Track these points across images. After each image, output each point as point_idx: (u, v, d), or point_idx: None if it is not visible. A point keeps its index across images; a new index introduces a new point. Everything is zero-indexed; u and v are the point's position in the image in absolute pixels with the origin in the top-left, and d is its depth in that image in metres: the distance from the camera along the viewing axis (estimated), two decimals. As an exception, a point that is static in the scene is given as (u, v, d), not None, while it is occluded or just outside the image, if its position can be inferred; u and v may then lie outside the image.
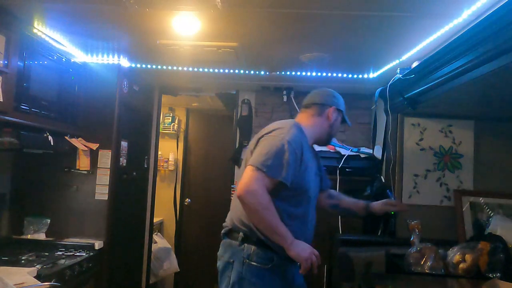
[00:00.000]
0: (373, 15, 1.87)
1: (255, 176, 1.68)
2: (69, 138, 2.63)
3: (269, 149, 1.73)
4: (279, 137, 1.76)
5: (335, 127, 2.04)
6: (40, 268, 2.05)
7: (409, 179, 2.80)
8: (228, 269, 1.79)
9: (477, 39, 1.69)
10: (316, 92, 2.08)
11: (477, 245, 2.26)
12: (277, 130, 1.81)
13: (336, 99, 2.05)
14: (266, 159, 1.70)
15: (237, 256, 1.77)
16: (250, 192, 1.67)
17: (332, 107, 2.00)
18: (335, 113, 2.01)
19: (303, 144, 1.83)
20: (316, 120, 2.00)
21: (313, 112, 2.02)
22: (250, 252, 1.76)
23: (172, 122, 4.76)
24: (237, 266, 1.76)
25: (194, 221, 4.89)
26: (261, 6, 1.84)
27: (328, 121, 2.00)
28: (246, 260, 1.75)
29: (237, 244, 1.79)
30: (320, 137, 2.03)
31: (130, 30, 2.28)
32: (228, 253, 1.81)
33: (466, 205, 2.70)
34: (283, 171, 1.71)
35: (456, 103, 2.49)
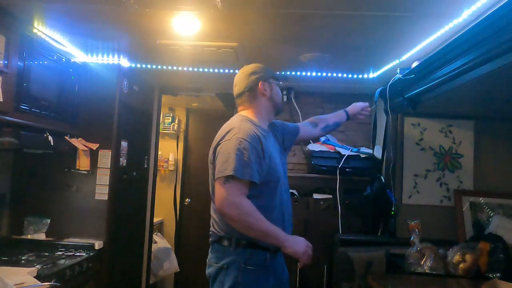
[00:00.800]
0: (373, 15, 1.87)
1: (226, 187, 1.67)
2: (69, 138, 2.63)
3: (229, 155, 1.70)
4: (233, 139, 1.73)
5: (275, 96, 1.97)
6: (40, 268, 2.05)
7: (409, 179, 2.81)
8: (220, 274, 1.76)
9: (477, 39, 1.69)
10: (237, 80, 2.02)
11: (477, 245, 2.26)
12: (229, 133, 1.77)
13: (257, 72, 1.96)
14: (229, 164, 1.68)
15: (233, 261, 1.74)
16: (227, 205, 1.67)
17: (259, 83, 1.93)
18: (265, 85, 1.94)
19: (259, 134, 1.79)
20: (255, 105, 1.93)
21: (247, 98, 1.95)
22: (246, 256, 1.73)
23: (172, 122, 4.76)
24: (232, 271, 1.73)
25: (194, 221, 4.89)
26: (261, 6, 1.84)
27: (265, 97, 1.94)
28: (242, 264, 1.72)
29: (231, 249, 1.75)
30: (269, 114, 1.97)
31: (130, 30, 2.28)
32: (221, 259, 1.78)
33: (466, 205, 2.70)
34: (249, 171, 1.68)
35: (456, 103, 2.49)
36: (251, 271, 1.72)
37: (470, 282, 2.16)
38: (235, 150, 1.70)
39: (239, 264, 1.72)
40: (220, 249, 1.81)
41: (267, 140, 1.84)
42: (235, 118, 1.90)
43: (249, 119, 1.87)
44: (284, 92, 3.51)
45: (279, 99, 2.02)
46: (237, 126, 1.78)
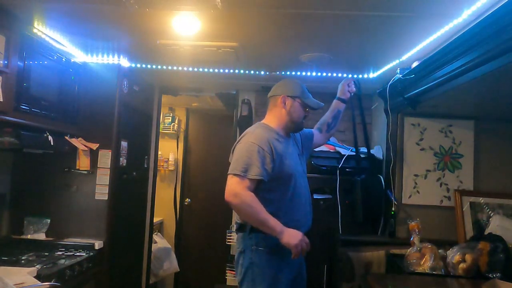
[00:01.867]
0: (373, 15, 1.87)
1: (234, 181, 1.93)
2: (69, 138, 2.63)
3: (240, 155, 1.97)
4: (246, 142, 2.00)
5: (294, 114, 2.13)
6: (40, 268, 2.05)
7: (409, 179, 2.80)
8: (240, 258, 2.04)
9: (477, 39, 1.69)
10: (275, 85, 2.23)
11: (477, 245, 2.26)
12: (245, 137, 2.05)
13: (287, 86, 2.17)
14: (238, 164, 1.94)
15: (247, 245, 2.00)
16: (233, 195, 1.91)
17: (281, 96, 2.13)
18: (287, 100, 2.13)
19: (271, 139, 2.02)
20: (274, 112, 2.16)
21: (270, 106, 2.20)
22: (258, 239, 1.97)
23: (172, 122, 4.76)
24: (248, 253, 1.99)
25: (194, 221, 4.89)
26: (261, 6, 1.84)
27: (283, 110, 2.13)
28: (254, 247, 1.98)
29: (246, 234, 2.00)
30: (286, 126, 2.15)
31: (130, 30, 2.28)
32: (240, 244, 2.05)
33: (466, 205, 2.70)
34: (255, 170, 1.92)
35: (456, 103, 2.49)
36: (263, 252, 1.97)
37: (470, 282, 2.16)
38: (245, 152, 1.96)
39: (252, 247, 1.98)
40: (240, 236, 2.08)
41: (282, 144, 2.07)
42: (253, 125, 2.18)
43: (266, 125, 2.13)
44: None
45: (298, 119, 2.15)
46: (251, 132, 2.07)
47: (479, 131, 2.78)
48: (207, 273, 4.62)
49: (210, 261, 4.64)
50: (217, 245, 4.33)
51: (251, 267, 1.98)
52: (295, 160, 2.12)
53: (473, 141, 2.78)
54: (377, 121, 3.33)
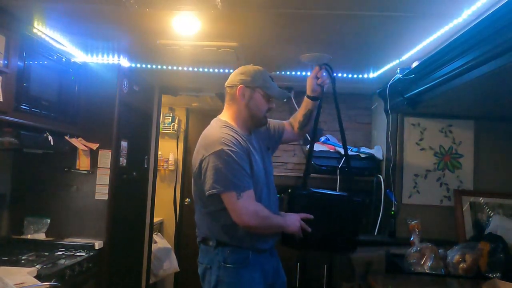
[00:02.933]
0: (373, 15, 1.87)
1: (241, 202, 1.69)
2: (69, 138, 2.63)
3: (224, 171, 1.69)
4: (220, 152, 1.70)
5: (254, 107, 1.84)
6: (40, 268, 2.05)
7: (409, 179, 2.81)
8: (207, 274, 1.81)
9: (477, 39, 1.69)
10: (231, 74, 1.92)
11: (477, 245, 2.26)
12: (212, 145, 1.73)
13: (246, 75, 1.85)
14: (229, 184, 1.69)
15: (213, 261, 1.78)
16: (249, 218, 1.70)
17: (239, 86, 1.83)
18: (245, 91, 1.82)
19: (240, 140, 1.78)
20: (232, 106, 1.87)
21: (227, 98, 1.89)
22: (225, 255, 1.77)
23: (172, 122, 4.75)
24: (215, 270, 1.77)
25: (194, 221, 4.88)
26: (261, 6, 1.84)
27: (242, 102, 1.84)
28: (221, 263, 1.76)
29: (212, 249, 1.80)
30: (246, 122, 1.87)
31: (130, 30, 2.28)
32: (205, 258, 1.83)
33: (466, 205, 2.70)
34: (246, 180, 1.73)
35: (456, 103, 2.49)
36: (231, 269, 1.76)
37: (470, 282, 2.16)
38: (227, 164, 1.69)
39: (219, 263, 1.76)
40: (204, 249, 1.85)
41: (249, 144, 1.82)
42: (214, 125, 1.87)
43: (228, 124, 1.83)
44: (284, 92, 3.50)
45: (259, 112, 1.87)
46: (217, 136, 1.75)
47: (479, 131, 2.79)
48: (207, 273, 4.61)
49: (210, 261, 4.64)
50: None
51: (219, 285, 1.76)
52: (259, 162, 1.85)
53: (473, 141, 2.78)
54: (377, 121, 3.33)
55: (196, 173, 1.81)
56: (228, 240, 1.77)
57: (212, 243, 1.80)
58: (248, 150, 1.80)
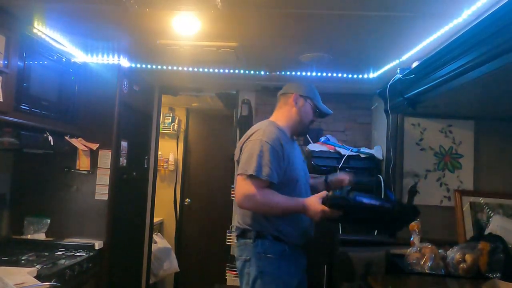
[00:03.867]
0: (373, 15, 1.87)
1: (245, 183, 1.80)
2: (69, 138, 2.63)
3: (251, 154, 1.83)
4: (257, 140, 1.86)
5: (304, 115, 2.04)
6: (40, 268, 2.05)
7: (409, 179, 2.80)
8: (245, 267, 1.89)
9: (477, 39, 1.69)
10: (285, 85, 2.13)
11: (477, 245, 2.26)
12: (255, 134, 1.91)
13: (301, 86, 2.08)
14: (250, 165, 1.81)
15: (253, 253, 1.87)
16: (245, 198, 1.80)
17: (294, 94, 2.04)
18: (299, 100, 2.03)
19: (281, 139, 1.91)
20: (284, 111, 2.06)
21: (281, 103, 2.09)
22: (265, 247, 1.86)
23: (172, 122, 4.76)
24: (255, 262, 1.86)
25: (194, 221, 4.89)
26: (261, 6, 1.84)
27: (294, 109, 2.03)
28: (262, 254, 1.85)
29: (251, 242, 1.88)
30: (293, 127, 2.05)
31: (130, 30, 2.28)
32: (244, 252, 1.91)
33: (466, 205, 2.70)
34: (268, 171, 1.81)
35: (456, 103, 2.49)
36: (272, 260, 1.85)
37: (470, 282, 2.16)
38: (258, 151, 1.82)
39: (259, 255, 1.86)
40: (243, 243, 1.93)
41: (289, 145, 1.97)
42: (263, 122, 2.02)
43: (276, 124, 2.00)
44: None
45: (306, 120, 2.06)
46: (262, 129, 1.91)
47: (479, 131, 2.78)
48: (207, 273, 4.61)
49: (210, 261, 4.64)
50: (217, 245, 4.33)
51: (261, 276, 1.84)
52: (300, 166, 2.03)
53: (473, 141, 2.78)
54: (377, 121, 3.33)
55: (237, 160, 1.95)
56: (268, 231, 1.86)
57: (252, 235, 1.88)
58: (287, 149, 1.92)
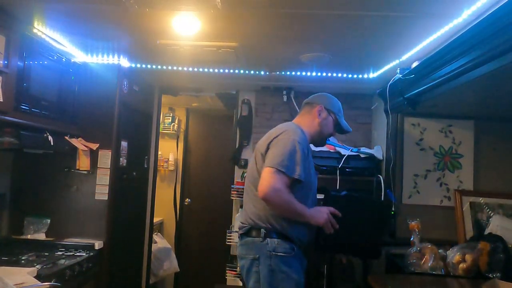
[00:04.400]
0: (373, 15, 1.87)
1: (275, 176, 1.81)
2: (69, 138, 2.63)
3: (283, 151, 1.85)
4: (290, 139, 1.89)
5: (325, 127, 2.09)
6: (40, 268, 2.05)
7: (409, 179, 2.81)
8: (254, 265, 1.89)
9: (477, 39, 1.69)
10: (312, 95, 2.18)
11: (477, 245, 2.26)
12: (285, 133, 1.93)
13: (327, 99, 2.13)
14: (282, 160, 1.83)
15: (262, 251, 1.87)
16: (274, 191, 1.79)
17: (319, 105, 2.09)
18: (323, 112, 2.08)
19: (306, 141, 1.97)
20: (306, 118, 2.10)
21: (304, 111, 2.14)
22: (274, 245, 1.87)
23: (172, 122, 4.75)
24: (264, 260, 1.86)
25: (194, 221, 4.89)
26: (261, 6, 1.84)
27: (317, 119, 2.08)
28: (272, 253, 1.86)
29: (260, 240, 1.88)
30: (312, 136, 2.09)
31: (130, 30, 2.28)
32: (252, 250, 1.91)
33: (466, 205, 2.70)
34: (298, 169, 1.84)
35: (456, 103, 2.49)
36: (283, 258, 1.86)
37: (470, 282, 2.16)
38: (290, 149, 1.86)
39: (270, 253, 1.86)
40: (250, 241, 1.93)
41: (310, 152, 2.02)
42: (289, 124, 2.07)
43: (301, 128, 2.04)
44: (284, 92, 3.51)
45: (325, 133, 2.11)
46: (292, 129, 1.96)
47: (479, 131, 2.79)
48: (207, 273, 4.61)
49: (210, 261, 4.64)
50: (217, 245, 4.33)
51: (271, 274, 1.85)
52: (314, 176, 2.07)
53: (473, 141, 2.78)
54: (377, 121, 3.33)
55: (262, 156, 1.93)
56: (277, 230, 1.88)
57: (260, 233, 1.89)
58: (310, 155, 1.98)
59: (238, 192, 3.42)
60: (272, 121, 3.61)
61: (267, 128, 3.54)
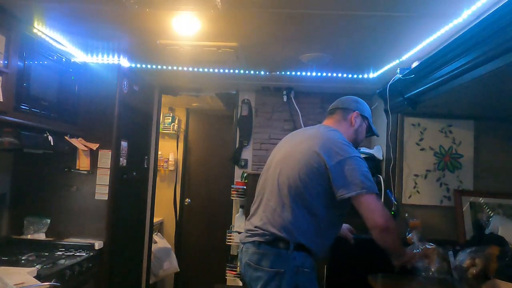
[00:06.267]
0: (373, 15, 1.87)
1: (381, 204, 1.76)
2: (69, 138, 2.63)
3: (360, 171, 1.75)
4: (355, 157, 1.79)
5: (360, 134, 2.03)
6: (40, 268, 2.05)
7: (409, 179, 2.80)
8: (275, 279, 1.72)
9: (477, 39, 1.69)
10: (341, 98, 2.10)
11: (486, 249, 2.23)
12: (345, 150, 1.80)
13: (361, 105, 2.06)
14: (370, 181, 1.75)
15: (289, 265, 1.73)
16: (388, 219, 1.73)
17: (355, 112, 2.01)
18: (358, 118, 2.02)
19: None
20: (343, 125, 2.01)
21: (338, 117, 2.03)
22: (302, 259, 1.75)
23: (172, 122, 4.76)
24: (290, 275, 1.72)
25: (194, 221, 4.89)
26: (261, 6, 1.84)
27: (352, 126, 2.01)
28: (299, 268, 1.73)
29: (287, 253, 1.73)
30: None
31: (130, 30, 2.28)
32: (276, 263, 1.74)
33: (466, 205, 2.70)
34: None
35: (456, 103, 2.49)
36: (308, 274, 1.76)
37: (470, 282, 2.16)
38: (367, 169, 1.79)
39: (297, 268, 1.73)
40: (275, 252, 1.75)
41: None
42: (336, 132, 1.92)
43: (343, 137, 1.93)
44: (284, 92, 3.52)
45: (359, 139, 2.06)
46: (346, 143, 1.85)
47: (479, 131, 2.78)
48: (207, 273, 4.62)
49: (210, 261, 4.64)
50: (217, 245, 4.33)
51: None
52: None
53: (473, 141, 2.78)
54: (377, 121, 3.33)
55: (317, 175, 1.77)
56: (304, 243, 1.76)
57: (287, 245, 1.74)
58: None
59: (238, 192, 3.43)
60: (272, 121, 3.62)
61: (267, 128, 3.61)
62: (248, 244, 1.83)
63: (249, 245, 1.82)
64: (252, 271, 1.79)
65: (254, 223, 1.86)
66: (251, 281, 1.81)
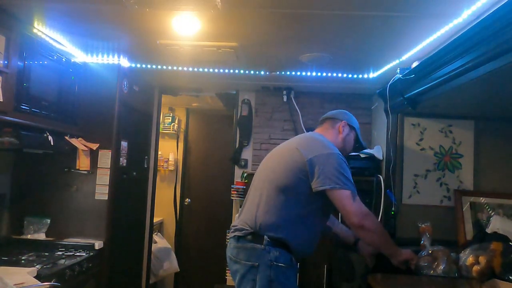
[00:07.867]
0: (373, 15, 1.87)
1: (357, 202, 1.80)
2: (69, 138, 2.63)
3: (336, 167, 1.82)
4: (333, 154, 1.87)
5: (347, 143, 2.12)
6: (40, 268, 2.05)
7: (409, 179, 2.81)
8: (251, 273, 1.81)
9: (477, 39, 1.69)
10: (331, 111, 2.23)
11: (489, 246, 2.21)
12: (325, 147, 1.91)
13: (349, 116, 2.17)
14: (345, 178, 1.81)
15: (263, 259, 1.80)
16: (365, 216, 1.80)
17: (342, 121, 2.12)
18: (345, 127, 2.12)
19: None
20: (331, 133, 2.12)
21: (327, 125, 2.15)
22: (276, 254, 1.80)
23: (172, 122, 4.76)
24: (264, 269, 1.79)
25: (194, 221, 4.89)
26: (261, 6, 1.84)
27: (340, 134, 2.11)
28: (273, 262, 1.79)
29: (261, 247, 1.81)
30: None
31: (130, 30, 2.28)
32: (252, 257, 1.82)
33: (466, 205, 2.70)
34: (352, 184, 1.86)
35: (456, 103, 2.49)
36: (283, 269, 1.80)
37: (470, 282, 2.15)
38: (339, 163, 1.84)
39: (270, 262, 1.79)
40: (250, 246, 1.85)
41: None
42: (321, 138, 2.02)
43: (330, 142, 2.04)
44: (284, 92, 3.51)
45: (348, 149, 2.15)
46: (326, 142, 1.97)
47: (479, 131, 2.79)
48: (207, 273, 4.61)
49: (210, 261, 4.64)
50: (217, 245, 4.33)
51: (270, 285, 1.77)
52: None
53: (473, 141, 2.78)
54: (377, 121, 3.33)
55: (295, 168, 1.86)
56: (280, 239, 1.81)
57: (262, 240, 1.81)
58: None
59: (238, 192, 3.42)
60: (272, 121, 3.62)
61: (267, 128, 3.61)
62: (230, 239, 1.95)
63: (231, 240, 1.94)
64: (232, 264, 1.90)
65: (237, 219, 2.00)
66: (232, 274, 1.93)
